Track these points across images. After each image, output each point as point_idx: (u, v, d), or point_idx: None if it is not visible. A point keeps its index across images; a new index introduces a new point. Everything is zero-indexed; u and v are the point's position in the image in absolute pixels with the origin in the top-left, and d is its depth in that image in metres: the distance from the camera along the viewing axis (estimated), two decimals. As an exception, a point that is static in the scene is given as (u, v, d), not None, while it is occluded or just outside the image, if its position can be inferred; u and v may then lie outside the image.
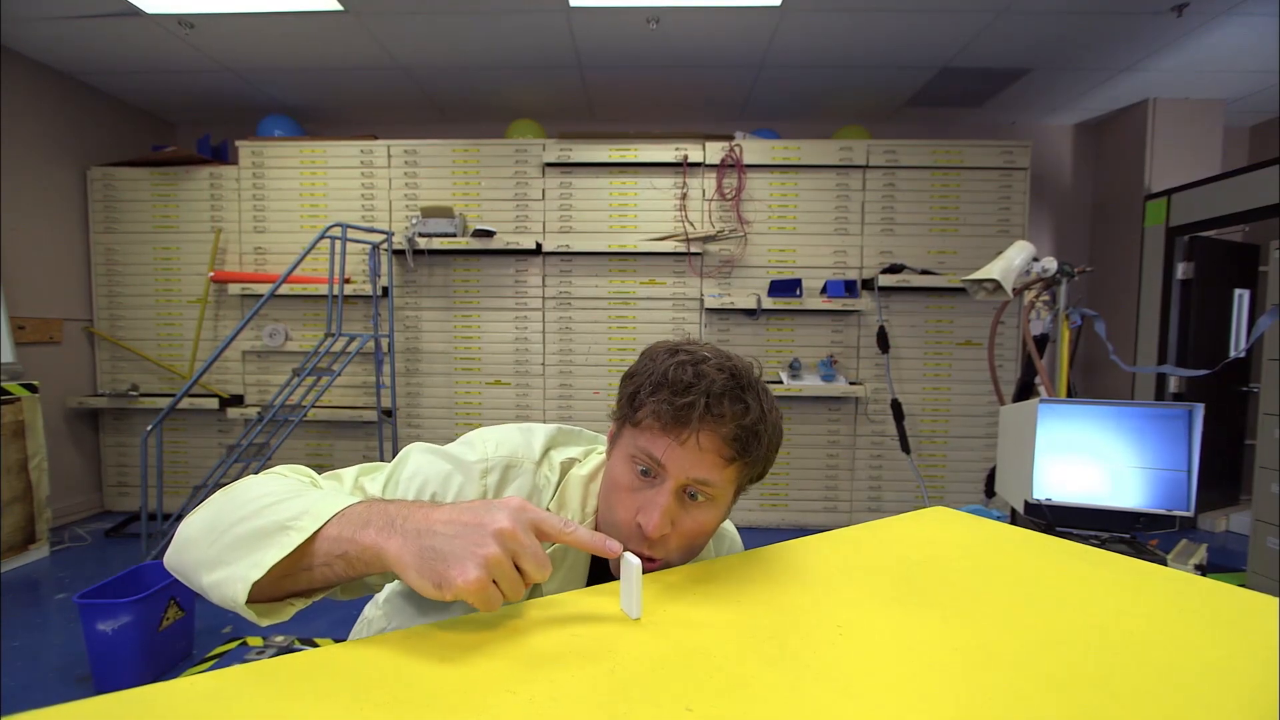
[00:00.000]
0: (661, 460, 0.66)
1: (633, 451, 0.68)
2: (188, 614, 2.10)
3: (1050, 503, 1.75)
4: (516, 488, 0.74)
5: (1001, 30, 2.92)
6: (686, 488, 0.67)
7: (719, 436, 0.65)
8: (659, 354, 0.70)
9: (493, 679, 0.45)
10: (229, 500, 0.59)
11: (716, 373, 0.66)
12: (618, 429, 0.72)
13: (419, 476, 0.72)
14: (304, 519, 0.53)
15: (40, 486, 2.97)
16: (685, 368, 0.66)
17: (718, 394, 0.65)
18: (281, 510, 0.54)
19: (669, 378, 0.66)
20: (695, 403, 0.64)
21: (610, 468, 0.71)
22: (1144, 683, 0.45)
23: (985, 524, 0.83)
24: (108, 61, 3.30)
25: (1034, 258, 2.21)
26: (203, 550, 0.56)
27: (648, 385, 0.67)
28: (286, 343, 3.54)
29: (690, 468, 0.65)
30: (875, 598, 0.60)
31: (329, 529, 0.53)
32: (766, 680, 0.45)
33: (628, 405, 0.69)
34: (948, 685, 0.44)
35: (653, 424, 0.66)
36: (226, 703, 0.43)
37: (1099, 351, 3.49)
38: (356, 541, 0.52)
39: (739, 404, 0.66)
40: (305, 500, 0.55)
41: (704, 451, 0.65)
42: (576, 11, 2.78)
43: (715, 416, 0.65)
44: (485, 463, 0.73)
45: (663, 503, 0.65)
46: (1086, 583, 0.65)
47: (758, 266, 3.51)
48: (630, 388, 0.70)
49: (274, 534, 0.53)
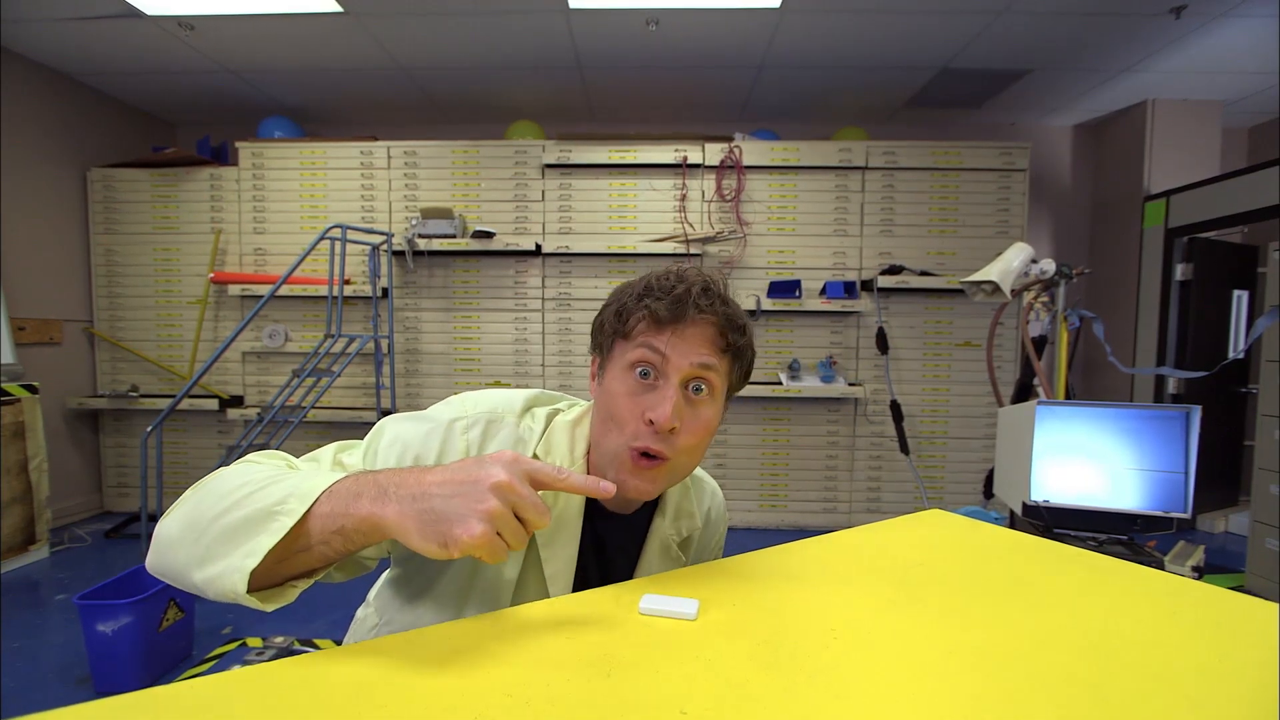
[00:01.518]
0: (665, 350, 0.68)
1: (630, 356, 0.69)
2: (187, 615, 2.10)
3: (1048, 504, 1.75)
4: (500, 441, 0.74)
5: (1001, 31, 2.92)
6: (690, 381, 0.69)
7: (711, 325, 0.69)
8: (632, 281, 0.74)
9: (490, 682, 0.46)
10: (207, 494, 0.57)
11: (697, 276, 0.71)
12: (604, 353, 0.74)
13: (398, 443, 0.71)
14: (290, 501, 0.52)
15: (40, 487, 2.98)
16: (667, 274, 0.71)
17: (702, 289, 0.70)
18: (266, 496, 0.53)
19: (653, 285, 0.70)
20: (688, 292, 0.68)
21: (607, 387, 0.72)
22: (1138, 688, 0.45)
23: (980, 527, 0.83)
24: (108, 63, 3.30)
25: (1033, 259, 2.21)
26: (189, 549, 0.55)
27: (633, 297, 0.70)
28: (286, 343, 3.54)
29: (692, 353, 0.68)
30: (870, 601, 0.60)
31: (319, 507, 0.52)
32: (762, 683, 0.45)
33: (615, 322, 0.71)
34: (943, 688, 0.45)
35: (648, 324, 0.69)
36: (226, 707, 0.43)
37: (1097, 353, 3.50)
38: (351, 514, 0.51)
39: (722, 301, 0.71)
40: (289, 483, 0.54)
41: (702, 338, 0.69)
42: (576, 13, 2.78)
43: (707, 306, 0.69)
44: (465, 419, 0.74)
45: (671, 395, 0.67)
46: (1080, 587, 0.65)
47: (757, 268, 3.51)
48: (613, 308, 0.72)
49: (263, 521, 0.52)
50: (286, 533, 0.51)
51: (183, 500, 0.60)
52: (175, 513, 0.59)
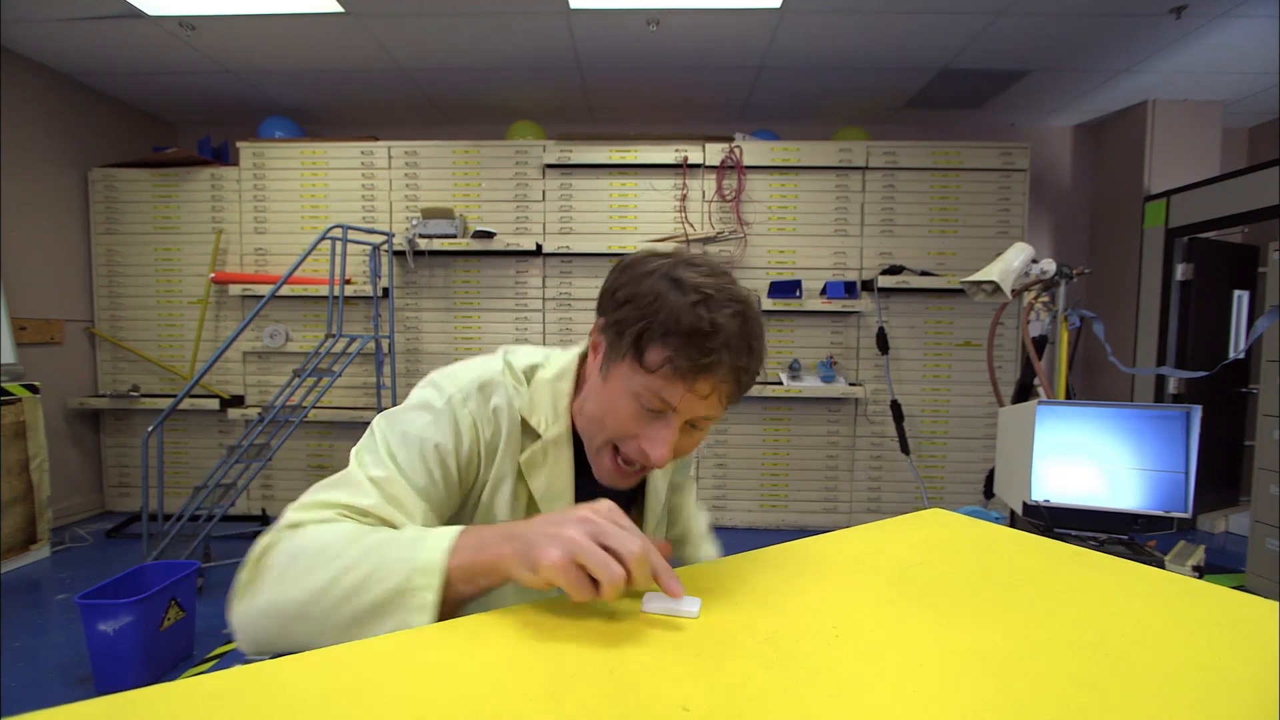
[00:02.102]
0: (675, 406, 0.67)
1: (639, 391, 0.67)
2: (188, 615, 2.10)
3: (1048, 504, 1.75)
4: (497, 402, 0.74)
5: (1001, 32, 2.93)
6: (690, 421, 0.69)
7: (730, 385, 0.67)
8: (656, 279, 0.66)
9: (492, 679, 0.46)
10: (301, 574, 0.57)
11: (732, 320, 0.65)
12: (612, 354, 0.70)
13: (414, 440, 0.69)
14: (416, 577, 0.54)
15: (41, 487, 2.98)
16: (700, 314, 0.63)
17: (736, 347, 0.65)
18: (384, 576, 0.55)
19: (684, 325, 0.63)
20: (718, 360, 0.64)
21: (607, 390, 0.70)
22: (1139, 687, 0.46)
23: (981, 526, 0.83)
24: (109, 63, 3.31)
25: (1033, 259, 2.21)
26: (311, 631, 0.56)
27: (657, 328, 0.64)
28: (287, 343, 3.54)
29: (701, 407, 0.68)
30: (871, 599, 0.60)
31: (453, 564, 0.55)
32: (763, 681, 0.45)
33: (632, 343, 0.66)
34: (943, 687, 0.45)
35: (668, 372, 0.65)
36: (229, 704, 0.43)
37: (1098, 353, 3.50)
38: (479, 560, 0.56)
39: (750, 355, 0.67)
40: (408, 557, 0.56)
41: (717, 393, 0.67)
42: (576, 13, 2.79)
43: (733, 369, 0.66)
44: (459, 393, 0.74)
45: (670, 438, 0.67)
46: (1082, 586, 0.65)
47: (757, 268, 3.51)
48: (633, 323, 0.66)
49: (399, 600, 0.54)
50: (429, 616, 0.54)
51: (261, 578, 0.59)
52: (264, 597, 0.58)
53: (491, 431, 0.74)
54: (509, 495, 0.75)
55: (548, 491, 0.76)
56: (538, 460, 0.76)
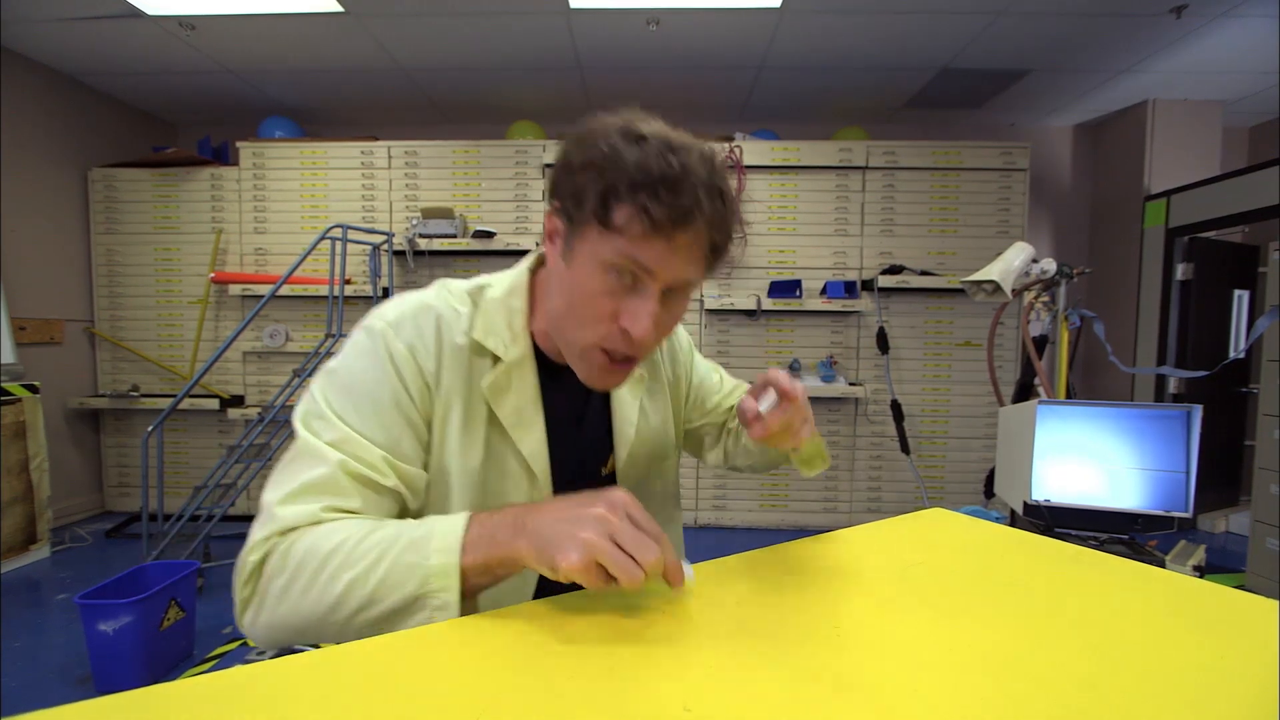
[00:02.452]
0: (653, 268, 0.60)
1: (612, 258, 0.60)
2: (188, 614, 2.10)
3: (1049, 504, 1.75)
4: (434, 326, 0.69)
5: (1001, 32, 2.92)
6: (670, 286, 0.63)
7: (708, 234, 0.61)
8: (611, 136, 0.60)
9: (493, 679, 0.46)
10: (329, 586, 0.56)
11: (699, 163, 0.60)
12: (572, 228, 0.63)
13: (357, 391, 0.65)
14: (435, 583, 0.55)
15: (41, 487, 2.98)
16: (666, 159, 0.58)
17: (707, 188, 0.60)
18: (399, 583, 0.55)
19: (652, 173, 0.57)
20: (695, 204, 0.59)
21: (571, 274, 0.64)
22: (1140, 686, 0.45)
23: (982, 526, 0.83)
24: (109, 63, 3.31)
25: (1033, 259, 2.21)
26: (327, 635, 0.57)
27: (623, 182, 0.58)
28: (287, 343, 3.54)
29: (679, 269, 0.61)
30: (872, 599, 0.60)
31: (466, 563, 0.55)
32: (765, 680, 0.45)
33: (596, 206, 0.59)
34: (944, 687, 0.45)
35: (640, 228, 0.58)
36: (229, 704, 0.43)
37: (1098, 352, 3.49)
38: (493, 555, 0.56)
39: (720, 197, 0.62)
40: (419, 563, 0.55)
41: (694, 249, 0.61)
42: (576, 13, 2.79)
43: (709, 215, 0.60)
44: (391, 326, 0.67)
45: (651, 309, 0.62)
46: (1083, 585, 0.65)
47: (757, 267, 3.51)
48: (594, 183, 0.59)
49: (414, 605, 0.55)
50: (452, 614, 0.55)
51: (265, 593, 0.58)
52: (275, 613, 0.58)
53: (434, 359, 0.68)
54: (461, 423, 0.69)
55: (518, 419, 0.71)
56: (501, 385, 0.70)
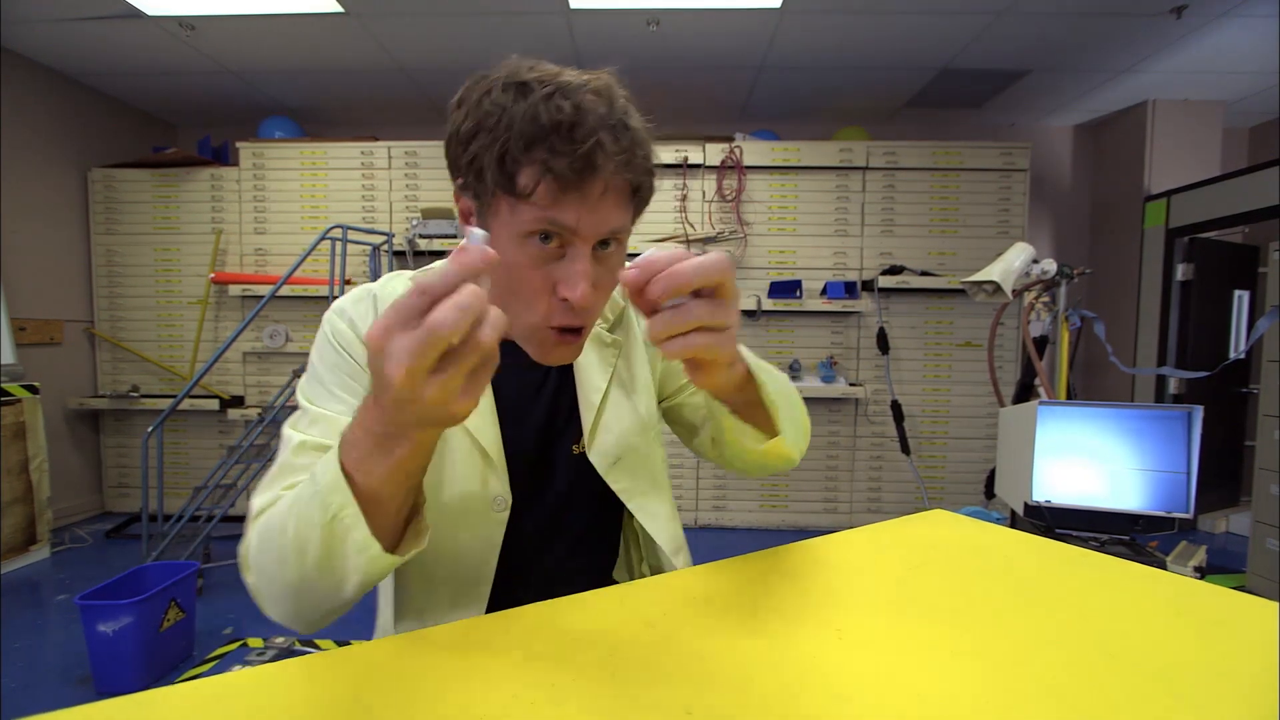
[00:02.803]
0: (574, 226, 0.56)
1: (529, 226, 0.56)
2: (188, 615, 2.10)
3: (1050, 504, 1.75)
4: (366, 311, 0.69)
5: (1001, 32, 2.92)
6: (598, 241, 0.59)
7: (622, 175, 0.56)
8: (495, 92, 0.55)
9: (494, 682, 0.45)
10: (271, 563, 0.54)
11: (595, 99, 0.55)
12: (482, 204, 0.59)
13: (317, 376, 0.67)
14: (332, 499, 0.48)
15: (41, 488, 2.98)
16: (557, 104, 0.53)
17: (610, 126, 0.54)
18: (310, 515, 0.50)
19: (544, 123, 0.52)
20: (596, 146, 0.53)
21: (497, 249, 0.57)
22: (1142, 688, 0.45)
23: (984, 527, 0.83)
24: (109, 63, 3.30)
25: (1034, 259, 2.21)
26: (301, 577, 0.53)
27: (516, 140, 0.53)
28: (287, 344, 3.54)
29: (603, 221, 0.57)
30: (874, 601, 0.60)
31: (360, 480, 0.48)
32: (766, 683, 0.45)
33: (496, 172, 0.55)
34: (947, 690, 0.45)
35: (549, 187, 0.54)
36: (228, 707, 0.43)
37: (1098, 353, 3.49)
38: (380, 467, 0.47)
39: (626, 131, 0.56)
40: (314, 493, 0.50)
41: (614, 197, 0.56)
42: (577, 13, 2.78)
43: (617, 155, 0.54)
44: (336, 312, 0.70)
45: (583, 269, 0.57)
46: (1085, 587, 0.65)
47: (758, 268, 3.51)
48: (488, 149, 0.55)
49: (334, 534, 0.49)
50: (363, 524, 0.48)
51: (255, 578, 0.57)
52: (267, 594, 0.56)
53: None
54: None
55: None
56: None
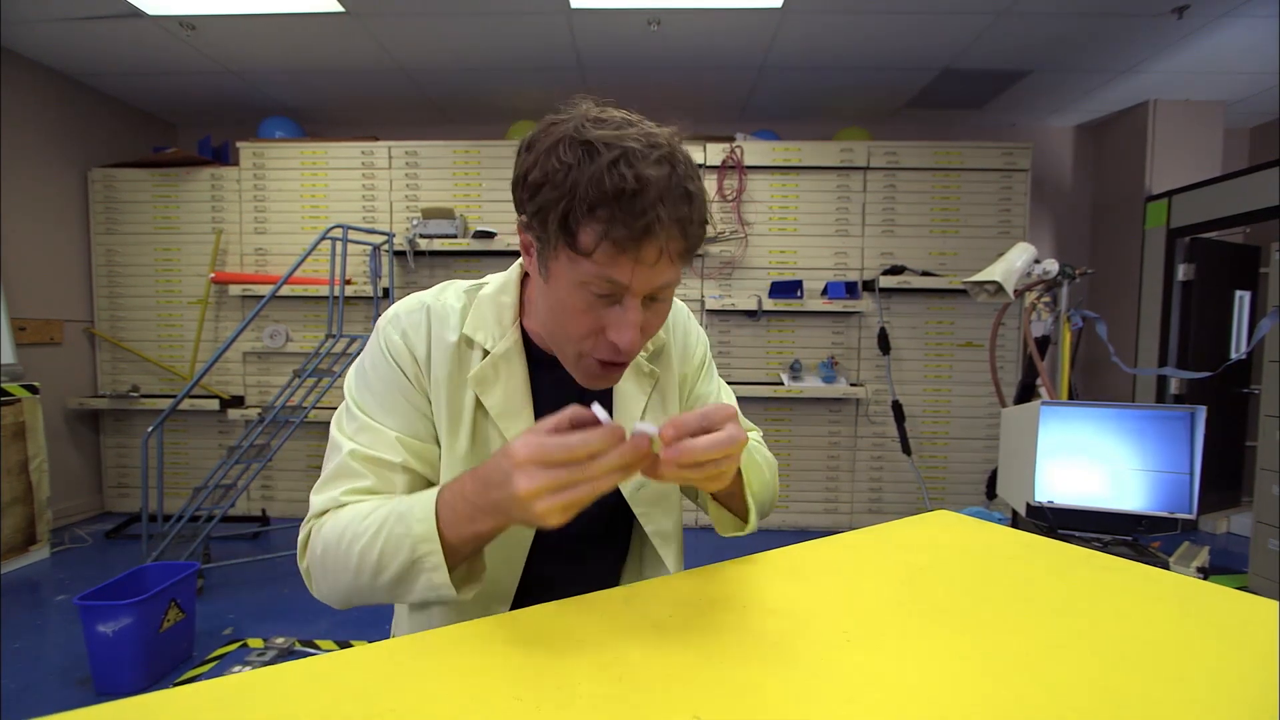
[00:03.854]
0: (628, 284, 0.60)
1: (586, 279, 0.60)
2: (188, 616, 2.09)
3: (1052, 505, 1.75)
4: (419, 323, 0.73)
5: (1002, 32, 2.92)
6: (649, 294, 0.63)
7: (678, 240, 0.60)
8: (564, 148, 0.59)
9: (500, 685, 0.45)
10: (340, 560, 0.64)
11: (658, 169, 0.57)
12: (544, 249, 0.63)
13: (370, 381, 0.73)
14: (422, 548, 0.59)
15: (41, 488, 2.97)
16: (622, 173, 0.56)
17: (672, 197, 0.58)
18: (396, 553, 0.60)
19: (607, 191, 0.56)
20: (655, 219, 0.57)
21: (552, 292, 0.65)
22: (1146, 687, 0.45)
23: (989, 528, 0.83)
24: (109, 63, 3.30)
25: (1035, 259, 2.21)
26: (368, 598, 0.65)
27: (580, 204, 0.57)
28: (287, 344, 3.53)
29: (655, 279, 0.61)
30: (881, 603, 0.60)
31: (448, 535, 0.58)
32: (774, 686, 0.45)
33: (559, 230, 0.59)
34: (954, 691, 0.44)
35: (607, 250, 0.58)
36: (229, 710, 0.42)
37: (1100, 353, 3.49)
38: (467, 524, 0.58)
39: (689, 201, 0.60)
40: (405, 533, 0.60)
41: (667, 256, 0.60)
42: (577, 13, 2.78)
43: (675, 223, 0.58)
44: (390, 321, 0.74)
45: (634, 320, 0.62)
46: (1089, 587, 0.65)
47: (758, 268, 3.51)
48: (552, 205, 0.59)
49: (413, 570, 0.60)
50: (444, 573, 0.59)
51: (313, 569, 0.68)
52: (323, 586, 0.68)
53: (424, 346, 0.73)
54: (447, 412, 0.73)
55: (505, 408, 0.73)
56: (489, 377, 0.73)
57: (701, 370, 0.90)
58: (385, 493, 0.69)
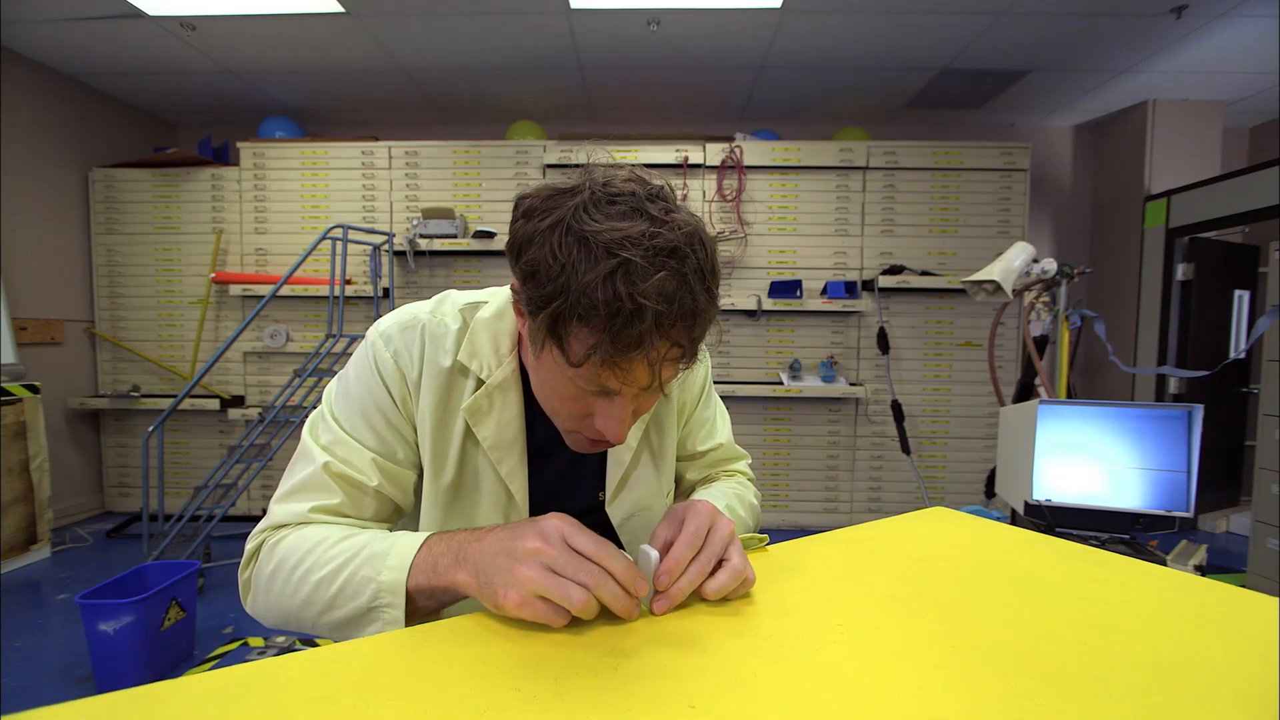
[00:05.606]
0: (617, 390, 0.57)
1: (574, 377, 0.57)
2: (189, 615, 2.10)
3: (1050, 503, 1.75)
4: (414, 341, 0.70)
5: (1001, 32, 2.92)
6: (643, 389, 0.60)
7: (674, 348, 0.56)
8: (561, 237, 0.52)
9: (496, 677, 0.45)
10: (288, 584, 0.63)
11: (660, 286, 0.51)
12: (535, 339, 0.58)
13: (353, 397, 0.70)
14: (384, 597, 0.58)
15: (41, 487, 2.98)
16: (617, 290, 0.50)
17: (669, 319, 0.52)
18: (355, 592, 0.59)
19: (598, 306, 0.50)
20: (649, 344, 0.52)
21: (545, 378, 0.62)
22: (1143, 683, 0.45)
23: (985, 524, 0.83)
24: (109, 63, 3.31)
25: (1034, 259, 2.21)
26: (305, 626, 0.64)
27: (570, 311, 0.52)
28: (287, 344, 3.54)
29: (645, 380, 0.57)
30: (876, 597, 0.60)
31: (411, 586, 0.58)
32: (768, 679, 0.45)
33: (549, 331, 0.54)
34: (948, 685, 0.45)
35: (597, 362, 0.54)
36: (230, 702, 0.43)
37: (1099, 352, 3.50)
38: (436, 586, 0.58)
39: (689, 317, 0.54)
40: (372, 577, 0.59)
41: (657, 363, 0.56)
42: (577, 13, 2.79)
43: (670, 338, 0.54)
44: (382, 337, 0.71)
45: (623, 415, 0.60)
46: (1086, 583, 0.65)
47: (758, 268, 3.51)
48: (542, 305, 0.54)
49: (367, 617, 0.59)
50: (403, 620, 0.58)
51: (255, 582, 0.66)
52: (262, 601, 0.66)
53: (416, 369, 0.70)
54: (433, 440, 0.71)
55: (497, 440, 0.71)
56: (482, 408, 0.70)
57: (701, 395, 0.89)
58: (353, 515, 0.68)
